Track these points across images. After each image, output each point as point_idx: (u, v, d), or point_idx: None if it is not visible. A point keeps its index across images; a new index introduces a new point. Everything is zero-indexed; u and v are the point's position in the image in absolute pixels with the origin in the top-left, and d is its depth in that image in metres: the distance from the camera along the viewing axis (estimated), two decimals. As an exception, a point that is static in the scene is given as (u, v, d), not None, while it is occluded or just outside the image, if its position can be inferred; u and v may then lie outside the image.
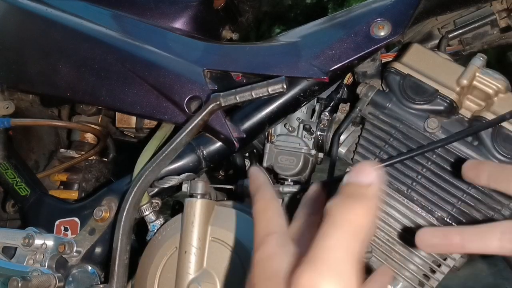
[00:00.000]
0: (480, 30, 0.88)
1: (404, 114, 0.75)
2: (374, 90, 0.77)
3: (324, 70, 0.77)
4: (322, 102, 0.90)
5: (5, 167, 1.01)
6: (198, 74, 0.84)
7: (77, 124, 1.10)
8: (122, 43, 0.91)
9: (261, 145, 0.93)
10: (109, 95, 0.90)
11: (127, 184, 0.86)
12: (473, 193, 0.71)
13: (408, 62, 0.75)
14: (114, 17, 0.98)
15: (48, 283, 0.82)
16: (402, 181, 0.74)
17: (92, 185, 1.06)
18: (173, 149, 0.76)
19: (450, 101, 0.72)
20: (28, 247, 0.85)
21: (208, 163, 0.85)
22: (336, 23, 0.85)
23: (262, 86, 0.75)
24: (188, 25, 0.99)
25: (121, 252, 0.74)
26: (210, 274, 0.68)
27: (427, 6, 0.79)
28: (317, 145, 0.86)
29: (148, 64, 0.87)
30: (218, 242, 0.69)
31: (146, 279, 0.73)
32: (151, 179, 0.77)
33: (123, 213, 0.74)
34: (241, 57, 0.85)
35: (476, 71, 0.71)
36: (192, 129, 0.77)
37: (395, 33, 0.75)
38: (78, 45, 0.93)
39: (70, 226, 0.90)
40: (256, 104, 0.83)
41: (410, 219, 0.74)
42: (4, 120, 1.01)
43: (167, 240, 0.73)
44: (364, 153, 0.78)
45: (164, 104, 0.86)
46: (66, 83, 0.94)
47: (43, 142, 1.20)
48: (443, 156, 0.72)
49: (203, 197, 0.72)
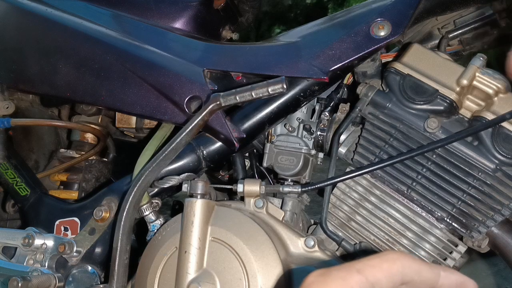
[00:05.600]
0: (480, 30, 0.88)
1: (404, 114, 0.75)
2: (374, 90, 0.77)
3: (324, 70, 0.77)
4: (322, 102, 0.90)
5: (5, 167, 1.01)
6: (198, 74, 0.84)
7: (77, 124, 1.10)
8: (122, 43, 0.91)
9: (261, 145, 0.93)
10: (109, 95, 0.90)
11: (127, 184, 0.86)
12: (473, 193, 0.71)
13: (408, 62, 0.75)
14: (114, 17, 0.98)
15: (48, 283, 0.82)
16: (402, 181, 0.74)
17: (92, 185, 1.06)
18: (173, 149, 0.76)
19: (450, 101, 0.72)
20: (28, 247, 0.85)
21: (208, 163, 0.85)
22: (336, 23, 0.85)
23: (262, 86, 0.75)
24: (188, 25, 0.99)
25: (121, 252, 0.74)
26: (210, 274, 0.68)
27: (427, 6, 0.79)
28: (317, 145, 0.86)
29: (148, 64, 0.87)
30: (218, 242, 0.69)
31: (146, 279, 0.73)
32: (151, 179, 0.77)
33: (123, 213, 0.74)
34: (241, 57, 0.85)
35: (476, 71, 0.71)
36: (192, 129, 0.77)
37: (395, 33, 0.75)
38: (78, 45, 0.93)
39: (70, 226, 0.90)
40: (256, 104, 0.83)
41: (410, 219, 0.74)
42: (4, 120, 1.01)
43: (167, 240, 0.73)
44: (364, 153, 0.78)
45: (164, 104, 0.86)
46: (66, 83, 0.94)
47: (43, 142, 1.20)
48: (443, 156, 0.72)
49: (203, 197, 0.72)
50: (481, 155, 0.70)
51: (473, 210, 0.71)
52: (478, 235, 0.72)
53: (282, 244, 0.73)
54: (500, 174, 0.70)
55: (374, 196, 0.77)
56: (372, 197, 0.77)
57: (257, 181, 0.76)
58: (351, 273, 0.34)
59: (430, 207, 0.73)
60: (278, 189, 0.77)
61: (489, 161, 0.70)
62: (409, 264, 0.36)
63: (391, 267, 0.35)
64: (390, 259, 0.35)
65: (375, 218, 0.76)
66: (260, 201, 0.76)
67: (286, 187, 0.77)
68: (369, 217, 0.76)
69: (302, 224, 0.85)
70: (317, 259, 0.72)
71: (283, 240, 0.74)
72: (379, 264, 0.35)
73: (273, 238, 0.71)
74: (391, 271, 0.35)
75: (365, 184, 0.77)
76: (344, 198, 0.79)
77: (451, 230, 0.73)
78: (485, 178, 0.70)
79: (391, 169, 0.75)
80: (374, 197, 0.77)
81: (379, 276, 0.34)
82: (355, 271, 0.34)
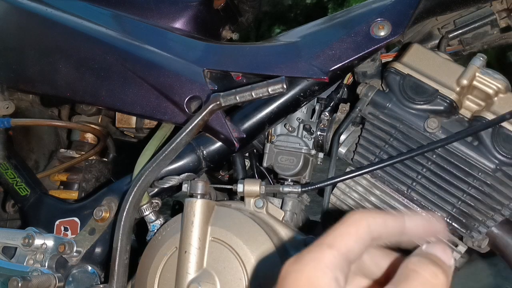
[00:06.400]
0: (480, 30, 0.88)
1: (404, 114, 0.75)
2: (374, 90, 0.77)
3: (324, 70, 0.77)
4: (322, 102, 0.89)
5: (5, 167, 1.01)
6: (198, 74, 0.84)
7: (77, 124, 1.10)
8: (122, 43, 0.91)
9: (261, 145, 0.93)
10: (109, 95, 0.90)
11: (127, 184, 0.86)
12: (473, 193, 0.71)
13: (408, 62, 0.75)
14: (114, 17, 0.98)
15: (48, 283, 0.82)
16: (402, 181, 0.74)
17: (92, 185, 1.06)
18: (173, 149, 0.76)
19: (450, 101, 0.72)
20: (28, 247, 0.85)
21: (208, 163, 0.85)
22: (336, 23, 0.85)
23: (262, 86, 0.75)
24: (188, 25, 0.99)
25: (121, 252, 0.74)
26: (210, 274, 0.68)
27: (427, 6, 0.79)
28: (317, 145, 0.86)
29: (148, 64, 0.87)
30: (218, 242, 0.69)
31: (146, 279, 0.73)
32: (151, 179, 0.77)
33: (123, 213, 0.74)
34: (241, 57, 0.85)
35: (476, 71, 0.71)
36: (192, 129, 0.77)
37: (395, 33, 0.75)
38: (78, 45, 0.93)
39: (70, 226, 0.90)
40: (256, 104, 0.83)
41: (410, 219, 0.74)
42: (4, 120, 1.01)
43: (167, 240, 0.73)
44: (364, 153, 0.78)
45: (164, 104, 0.86)
46: (66, 83, 0.94)
47: (43, 142, 1.20)
48: (443, 156, 0.72)
49: (203, 197, 0.72)
50: (481, 155, 0.70)
51: (473, 210, 0.71)
52: (478, 235, 0.72)
53: (282, 244, 0.73)
54: (500, 174, 0.70)
55: (374, 196, 0.77)
56: (372, 197, 0.77)
57: (257, 181, 0.76)
58: (322, 250, 0.33)
59: (430, 207, 0.73)
60: (278, 189, 0.77)
61: (489, 161, 0.70)
62: (373, 220, 0.35)
63: (358, 229, 0.34)
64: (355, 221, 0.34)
65: (375, 218, 0.76)
66: (260, 201, 0.76)
67: (286, 187, 0.77)
68: (369, 217, 0.76)
69: (302, 224, 0.85)
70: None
71: (283, 240, 0.74)
72: (346, 231, 0.34)
73: (273, 238, 0.71)
74: (359, 234, 0.34)
75: (365, 184, 0.77)
76: (344, 198, 0.79)
77: (451, 230, 0.73)
78: (485, 178, 0.70)
79: (391, 169, 0.75)
80: (374, 197, 0.77)
81: (350, 243, 0.33)
82: (326, 247, 0.33)
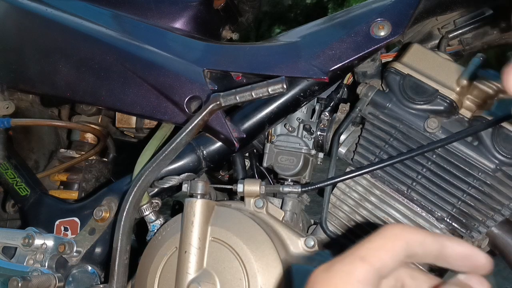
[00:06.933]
0: (480, 30, 0.88)
1: (404, 114, 0.75)
2: (374, 90, 0.77)
3: (324, 70, 0.77)
4: (322, 102, 0.89)
5: (5, 167, 1.01)
6: (198, 74, 0.84)
7: (77, 124, 1.10)
8: (122, 43, 0.91)
9: (261, 145, 0.93)
10: (109, 95, 0.90)
11: (127, 184, 0.86)
12: (473, 193, 0.71)
13: (408, 62, 0.75)
14: (114, 17, 0.98)
15: (48, 283, 0.82)
16: (402, 181, 0.74)
17: (92, 185, 1.06)
18: (173, 149, 0.76)
19: (450, 101, 0.72)
20: (28, 247, 0.85)
21: (208, 163, 0.85)
22: (336, 23, 0.85)
23: (262, 86, 0.75)
24: (188, 25, 0.99)
25: (121, 252, 0.74)
26: (210, 274, 0.68)
27: (427, 6, 0.79)
28: (317, 145, 0.86)
29: (148, 64, 0.87)
30: (218, 242, 0.69)
31: (146, 279, 0.73)
32: (151, 179, 0.77)
33: (123, 213, 0.74)
34: (241, 57, 0.85)
35: (476, 71, 0.71)
36: (192, 129, 0.77)
37: (395, 33, 0.75)
38: (78, 45, 0.93)
39: (70, 226, 0.90)
40: (256, 104, 0.83)
41: (410, 219, 0.74)
42: (4, 120, 1.01)
43: (167, 240, 0.73)
44: (364, 153, 0.78)
45: (164, 104, 0.86)
46: (66, 83, 0.94)
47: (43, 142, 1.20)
48: (443, 156, 0.72)
49: (203, 197, 0.72)
50: (481, 155, 0.70)
51: (473, 210, 0.71)
52: (478, 235, 0.72)
53: (282, 244, 0.73)
54: (500, 174, 0.70)
55: (374, 196, 0.77)
56: (372, 197, 0.77)
57: (257, 181, 0.76)
58: (355, 263, 0.31)
59: (430, 207, 0.73)
60: (278, 189, 0.77)
61: (489, 161, 0.70)
62: (412, 237, 0.33)
63: (394, 244, 0.32)
64: (393, 236, 0.33)
65: (375, 218, 0.76)
66: (260, 201, 0.76)
67: (286, 187, 0.77)
68: (369, 217, 0.76)
69: (302, 224, 0.85)
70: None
71: (283, 240, 0.74)
72: (382, 245, 0.32)
73: (273, 238, 0.71)
74: (395, 249, 0.32)
75: (365, 184, 0.77)
76: (344, 198, 0.79)
77: (451, 230, 0.73)
78: (485, 178, 0.70)
79: (391, 169, 0.75)
80: (374, 197, 0.77)
81: (384, 258, 0.32)
82: (359, 260, 0.32)
